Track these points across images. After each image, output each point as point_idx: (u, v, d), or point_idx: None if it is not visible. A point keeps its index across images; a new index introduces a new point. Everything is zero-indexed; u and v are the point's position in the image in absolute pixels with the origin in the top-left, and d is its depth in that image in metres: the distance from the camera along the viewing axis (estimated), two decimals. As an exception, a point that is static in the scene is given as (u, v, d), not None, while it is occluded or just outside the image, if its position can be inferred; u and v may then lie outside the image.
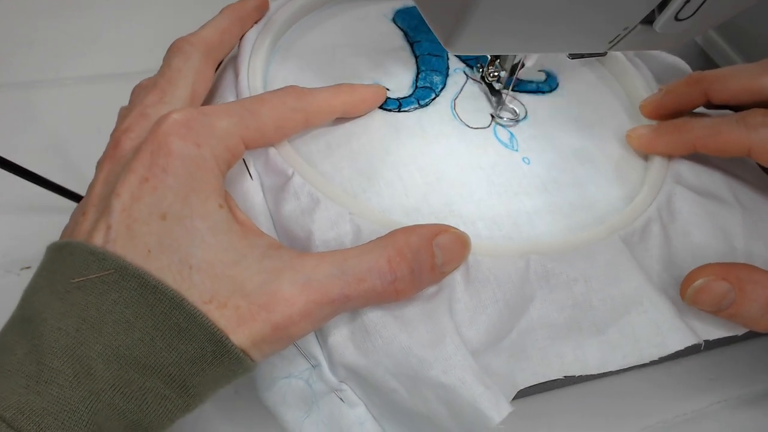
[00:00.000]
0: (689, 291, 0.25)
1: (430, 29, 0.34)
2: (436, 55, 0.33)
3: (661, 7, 0.23)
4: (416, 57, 0.33)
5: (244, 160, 0.26)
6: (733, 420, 0.31)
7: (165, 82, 0.26)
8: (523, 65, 0.31)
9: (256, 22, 0.31)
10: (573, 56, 0.30)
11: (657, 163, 0.30)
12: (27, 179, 0.31)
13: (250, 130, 0.24)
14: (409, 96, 0.31)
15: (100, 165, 0.24)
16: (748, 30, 0.42)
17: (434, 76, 0.32)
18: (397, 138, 0.29)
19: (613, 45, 0.26)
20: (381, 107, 0.30)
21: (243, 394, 0.29)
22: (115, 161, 0.23)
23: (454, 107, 0.31)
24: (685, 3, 0.23)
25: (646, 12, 0.23)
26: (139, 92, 0.27)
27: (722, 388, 0.32)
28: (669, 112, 0.31)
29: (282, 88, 0.26)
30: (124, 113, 0.27)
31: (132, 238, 0.21)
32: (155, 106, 0.25)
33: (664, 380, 0.32)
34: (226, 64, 0.31)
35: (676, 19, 0.24)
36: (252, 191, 0.26)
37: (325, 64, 0.32)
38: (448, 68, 0.33)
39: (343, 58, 0.32)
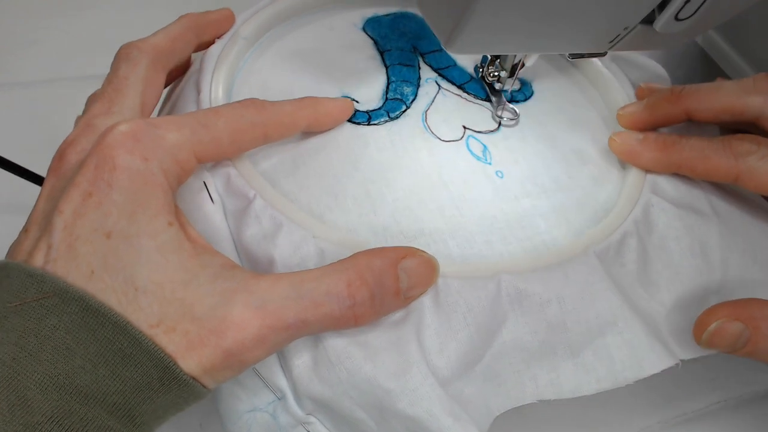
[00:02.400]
0: (704, 336, 0.24)
1: (400, 38, 0.33)
2: (407, 65, 0.32)
3: (661, 7, 0.23)
4: (387, 67, 0.32)
5: (204, 182, 0.25)
6: (733, 420, 0.31)
7: (112, 90, 0.25)
8: (523, 65, 0.31)
9: (219, 37, 0.30)
10: (573, 56, 0.30)
11: (634, 172, 0.29)
12: (27, 179, 0.31)
13: (203, 144, 0.23)
14: (379, 108, 0.30)
15: (45, 180, 0.23)
16: (748, 30, 0.42)
17: (405, 87, 0.31)
18: (365, 153, 0.28)
19: (614, 45, 0.26)
20: (350, 120, 0.29)
21: (208, 428, 0.27)
22: (59, 175, 0.22)
23: (425, 119, 0.30)
24: (685, 3, 0.23)
25: (646, 12, 0.23)
26: (93, 101, 0.26)
27: (722, 388, 0.31)
28: (648, 125, 0.30)
29: (241, 101, 0.25)
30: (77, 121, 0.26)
31: (74, 257, 0.20)
32: (102, 116, 0.24)
33: (664, 380, 0.32)
34: (187, 79, 0.30)
35: (677, 19, 0.24)
36: (213, 215, 0.25)
37: (292, 76, 0.31)
38: (419, 78, 0.32)
39: (310, 69, 0.31)
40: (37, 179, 0.31)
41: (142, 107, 0.25)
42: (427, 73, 0.32)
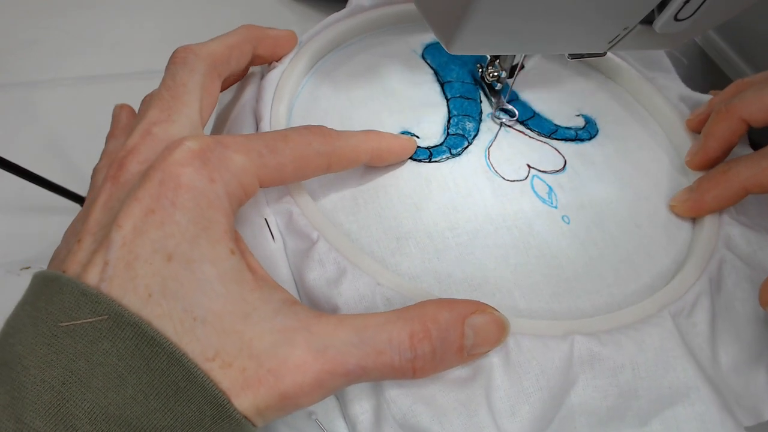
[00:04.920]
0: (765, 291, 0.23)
1: (461, 68, 0.32)
2: (469, 98, 0.31)
3: (661, 7, 0.23)
4: (447, 99, 0.31)
5: (266, 219, 0.25)
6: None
7: (170, 97, 0.24)
8: (523, 66, 0.31)
9: (277, 58, 0.30)
10: (573, 56, 0.29)
11: (707, 224, 0.27)
12: (27, 179, 0.31)
13: (267, 169, 0.22)
14: (441, 144, 0.29)
15: (100, 186, 0.22)
16: (748, 30, 0.42)
17: (467, 122, 0.30)
18: (427, 192, 0.27)
19: (613, 45, 0.26)
20: (410, 157, 0.28)
21: None
22: (118, 185, 0.21)
23: (488, 156, 0.29)
24: (685, 3, 0.23)
25: (645, 12, 0.23)
26: (149, 105, 0.25)
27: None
28: (718, 155, 0.29)
29: (308, 127, 0.24)
30: (117, 112, 0.26)
31: (132, 278, 0.19)
32: (162, 124, 0.23)
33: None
34: (243, 103, 0.29)
35: (676, 19, 0.24)
36: (275, 254, 0.24)
37: (351, 107, 0.30)
38: (481, 113, 0.31)
39: (370, 101, 0.31)
40: (37, 179, 0.31)
41: (201, 116, 0.24)
42: (488, 107, 0.31)
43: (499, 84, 0.31)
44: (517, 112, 0.31)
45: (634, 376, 0.23)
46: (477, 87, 0.32)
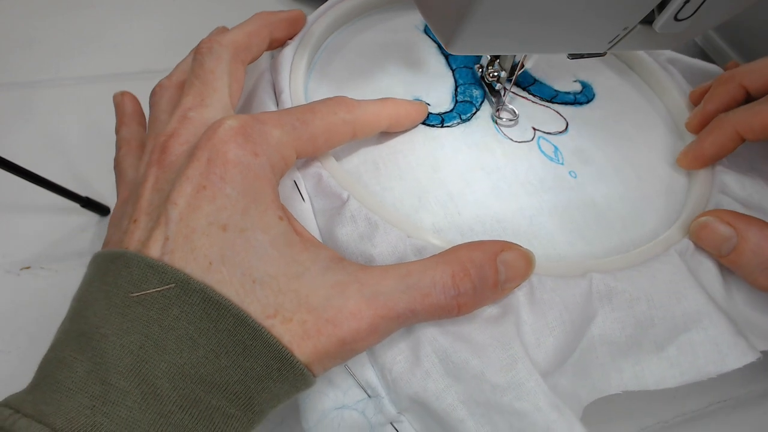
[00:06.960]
0: (692, 225, 0.26)
1: None
2: (472, 68, 0.33)
3: (661, 7, 0.23)
4: (453, 70, 0.33)
5: (295, 181, 0.26)
6: (733, 420, 0.31)
7: (201, 84, 0.25)
8: (522, 66, 0.31)
9: (290, 38, 0.31)
10: (573, 56, 0.30)
11: (702, 173, 0.30)
12: (27, 179, 0.31)
13: (301, 141, 0.24)
14: (451, 111, 0.31)
15: (145, 171, 0.23)
16: (748, 30, 0.42)
17: (473, 90, 0.32)
18: (442, 154, 0.29)
19: (613, 45, 0.26)
20: (424, 123, 0.30)
21: (289, 424, 0.28)
22: (164, 167, 0.22)
23: (496, 121, 0.31)
24: (685, 3, 0.23)
25: (645, 12, 0.24)
26: (162, 93, 0.27)
27: (722, 388, 0.32)
28: (715, 116, 0.31)
29: (332, 99, 0.26)
30: (118, 100, 0.27)
31: (192, 249, 0.20)
32: (197, 108, 0.24)
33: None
34: (260, 77, 0.30)
35: (676, 19, 0.24)
36: (305, 213, 0.26)
37: (363, 80, 0.32)
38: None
39: (380, 73, 0.32)
40: (37, 179, 0.31)
41: (231, 100, 0.26)
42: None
43: (499, 84, 0.32)
44: (518, 114, 0.32)
45: (649, 306, 0.24)
46: (479, 57, 0.34)
